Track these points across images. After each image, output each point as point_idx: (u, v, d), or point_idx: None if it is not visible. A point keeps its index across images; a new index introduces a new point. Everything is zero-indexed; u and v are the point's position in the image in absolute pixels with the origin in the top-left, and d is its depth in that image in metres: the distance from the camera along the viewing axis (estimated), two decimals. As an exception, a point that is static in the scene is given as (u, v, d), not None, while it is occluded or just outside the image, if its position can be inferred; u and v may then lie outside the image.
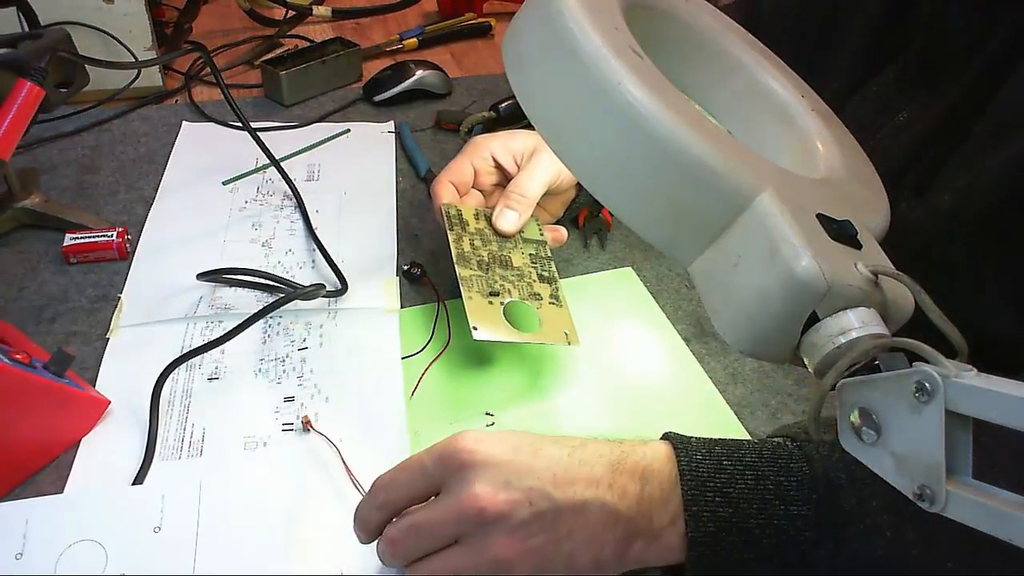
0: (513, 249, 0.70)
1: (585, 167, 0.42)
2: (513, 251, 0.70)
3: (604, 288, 0.76)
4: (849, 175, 0.49)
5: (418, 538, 0.46)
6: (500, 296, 0.65)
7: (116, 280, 0.75)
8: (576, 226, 0.83)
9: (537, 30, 0.43)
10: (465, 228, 0.70)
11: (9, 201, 0.79)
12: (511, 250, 0.70)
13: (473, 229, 0.70)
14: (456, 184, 0.73)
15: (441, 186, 0.72)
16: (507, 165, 0.74)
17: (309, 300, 0.70)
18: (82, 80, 0.77)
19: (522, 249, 0.71)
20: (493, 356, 0.68)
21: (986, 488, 0.32)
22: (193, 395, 0.64)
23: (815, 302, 0.37)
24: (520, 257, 0.70)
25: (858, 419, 0.36)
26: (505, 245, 0.70)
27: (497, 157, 0.74)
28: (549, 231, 0.74)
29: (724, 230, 0.40)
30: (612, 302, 0.73)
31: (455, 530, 0.45)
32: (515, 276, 0.68)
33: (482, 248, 0.69)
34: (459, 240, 0.68)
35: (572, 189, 0.78)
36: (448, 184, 0.73)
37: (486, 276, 0.66)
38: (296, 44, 1.17)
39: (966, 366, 0.33)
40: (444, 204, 0.71)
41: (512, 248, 0.70)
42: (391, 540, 0.47)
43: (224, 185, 0.88)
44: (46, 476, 0.58)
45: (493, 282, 0.66)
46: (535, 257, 0.70)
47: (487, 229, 0.71)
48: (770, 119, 0.53)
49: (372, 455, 0.58)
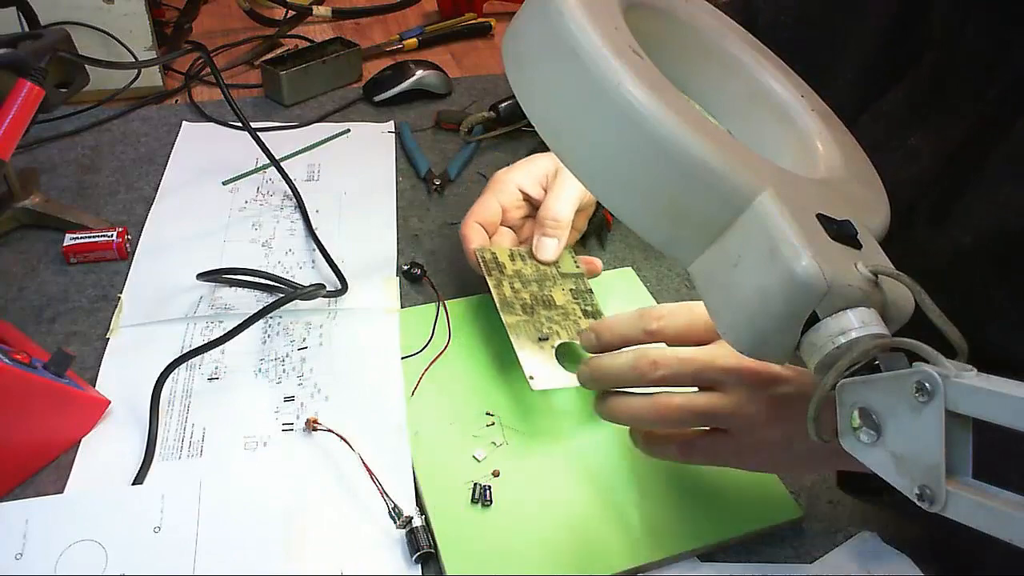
0: (553, 287, 0.68)
1: (585, 167, 0.42)
2: (554, 289, 0.68)
3: (604, 288, 0.76)
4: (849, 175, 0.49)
5: (683, 368, 0.49)
6: (550, 340, 0.64)
7: (116, 280, 0.75)
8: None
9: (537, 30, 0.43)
10: (503, 272, 0.68)
11: (9, 201, 0.79)
12: (552, 288, 0.68)
13: (511, 272, 0.68)
14: (484, 224, 0.70)
15: (469, 228, 0.70)
16: (535, 193, 0.72)
17: (309, 300, 0.71)
18: (82, 80, 0.77)
19: (562, 285, 0.69)
20: (493, 356, 0.68)
21: (986, 488, 0.32)
22: (193, 395, 0.64)
23: (815, 302, 0.37)
24: (562, 294, 0.68)
25: (858, 419, 0.36)
26: (545, 284, 0.68)
27: (524, 188, 0.72)
28: (584, 263, 0.72)
29: (724, 230, 0.40)
30: (612, 302, 0.73)
31: (721, 378, 0.49)
32: (560, 315, 0.66)
33: (523, 291, 0.67)
34: (499, 285, 0.66)
35: (594, 200, 0.76)
36: (475, 226, 0.70)
37: (532, 320, 0.65)
38: (296, 44, 1.17)
39: (966, 366, 0.33)
40: (478, 249, 0.68)
41: (552, 286, 0.68)
42: (652, 359, 0.50)
43: (224, 185, 0.88)
44: (46, 476, 0.58)
45: (540, 325, 0.64)
46: (576, 292, 0.69)
47: (524, 269, 0.69)
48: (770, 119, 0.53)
49: (372, 455, 0.58)
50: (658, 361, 0.49)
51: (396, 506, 0.55)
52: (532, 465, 0.59)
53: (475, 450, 0.60)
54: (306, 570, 0.52)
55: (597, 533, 0.55)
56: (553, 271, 0.70)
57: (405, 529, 0.54)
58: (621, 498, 0.57)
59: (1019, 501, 0.31)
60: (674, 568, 0.54)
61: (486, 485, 0.57)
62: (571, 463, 0.59)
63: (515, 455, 0.60)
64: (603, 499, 0.57)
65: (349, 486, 0.57)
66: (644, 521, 0.56)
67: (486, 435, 0.61)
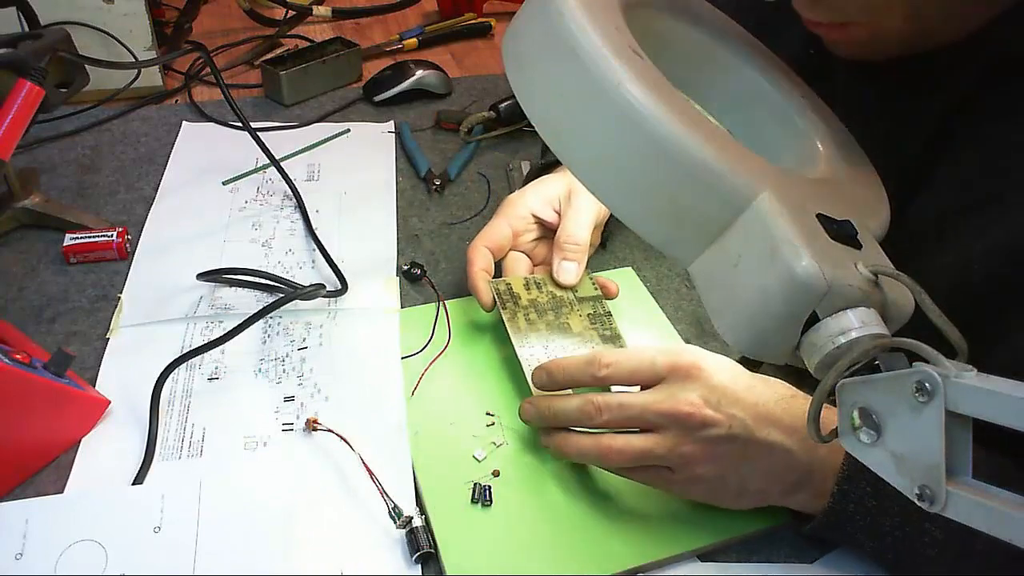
0: (571, 313, 0.67)
1: (585, 167, 0.42)
2: (571, 315, 0.67)
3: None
4: (849, 175, 0.49)
5: (623, 413, 0.53)
6: None
7: (116, 280, 0.75)
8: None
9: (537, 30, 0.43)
10: (518, 303, 0.67)
11: (9, 201, 0.79)
12: (568, 314, 0.67)
13: (525, 302, 0.67)
14: (492, 248, 0.69)
15: (475, 251, 0.69)
16: (547, 217, 0.72)
17: (309, 300, 0.70)
18: (82, 80, 0.77)
19: (579, 311, 0.68)
20: (493, 356, 0.68)
21: (986, 488, 0.32)
22: (193, 395, 0.64)
23: (815, 302, 0.37)
24: (579, 320, 0.67)
25: (858, 419, 0.36)
26: (561, 311, 0.67)
27: (536, 213, 0.72)
28: (601, 284, 0.71)
29: (724, 230, 0.40)
30: (612, 302, 0.73)
31: (658, 421, 0.52)
32: (578, 343, 0.65)
33: (538, 321, 0.66)
34: (513, 318, 0.66)
35: (608, 213, 0.75)
36: (482, 249, 0.69)
37: (547, 351, 0.64)
38: (296, 44, 1.17)
39: (966, 366, 0.33)
40: (492, 282, 0.68)
41: (569, 312, 0.67)
42: (597, 405, 0.54)
43: (224, 185, 0.88)
44: (46, 476, 0.58)
45: (555, 357, 0.63)
46: (594, 316, 0.67)
47: (540, 297, 0.68)
48: (770, 119, 0.53)
49: (372, 455, 0.58)
50: (602, 406, 0.54)
51: (396, 506, 0.55)
52: (532, 465, 0.59)
53: (475, 450, 0.60)
54: (306, 570, 0.52)
55: (597, 533, 0.55)
56: (570, 296, 0.69)
57: (405, 529, 0.54)
58: (621, 498, 0.57)
59: (1019, 501, 0.31)
60: (674, 568, 0.54)
61: (486, 485, 0.57)
62: (571, 463, 0.59)
63: (515, 455, 0.60)
64: (603, 499, 0.57)
65: (349, 486, 0.57)
66: (644, 521, 0.56)
67: (486, 435, 0.61)
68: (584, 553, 0.54)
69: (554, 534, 0.55)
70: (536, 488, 0.58)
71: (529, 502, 0.57)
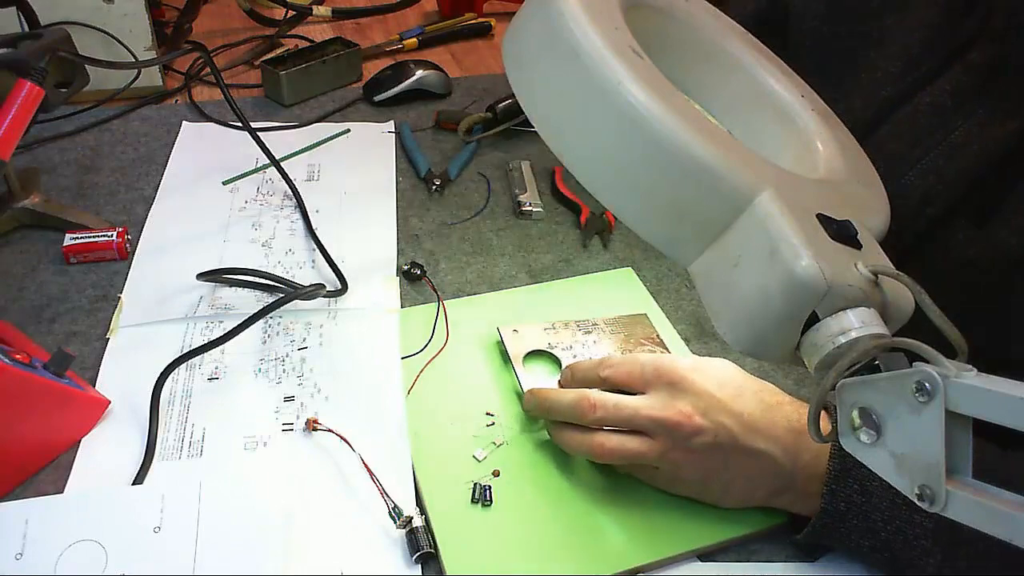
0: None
1: (585, 167, 0.42)
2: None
3: (604, 288, 0.76)
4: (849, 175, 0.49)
5: (616, 414, 0.55)
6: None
7: (116, 280, 0.75)
8: (578, 226, 0.83)
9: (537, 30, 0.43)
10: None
11: (9, 201, 0.79)
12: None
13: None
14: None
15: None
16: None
17: (309, 300, 0.70)
18: (82, 80, 0.76)
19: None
20: (493, 356, 0.68)
21: (986, 488, 0.32)
22: (193, 395, 0.64)
23: (815, 302, 0.37)
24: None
25: (858, 419, 0.36)
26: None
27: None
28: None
29: (724, 230, 0.40)
30: (612, 302, 0.73)
31: (648, 426, 0.54)
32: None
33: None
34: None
35: None
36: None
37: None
38: (296, 44, 1.17)
39: (966, 366, 0.33)
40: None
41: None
42: (592, 403, 0.55)
43: (224, 185, 0.88)
44: (46, 476, 0.58)
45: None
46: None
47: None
48: (770, 119, 0.53)
49: (372, 454, 0.58)
50: (596, 404, 0.55)
51: (396, 506, 0.55)
52: (532, 465, 0.59)
53: (475, 450, 0.60)
54: (306, 570, 0.52)
55: (597, 533, 0.55)
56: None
57: (405, 529, 0.54)
58: (621, 498, 0.57)
59: (1019, 501, 0.31)
60: (674, 568, 0.54)
61: (486, 485, 0.57)
62: (571, 463, 0.59)
63: (515, 455, 0.60)
64: (603, 499, 0.57)
65: (349, 486, 0.57)
66: (644, 521, 0.56)
67: (486, 435, 0.61)
68: (584, 553, 0.54)
69: (554, 534, 0.55)
70: (536, 488, 0.58)
71: (529, 502, 0.57)
